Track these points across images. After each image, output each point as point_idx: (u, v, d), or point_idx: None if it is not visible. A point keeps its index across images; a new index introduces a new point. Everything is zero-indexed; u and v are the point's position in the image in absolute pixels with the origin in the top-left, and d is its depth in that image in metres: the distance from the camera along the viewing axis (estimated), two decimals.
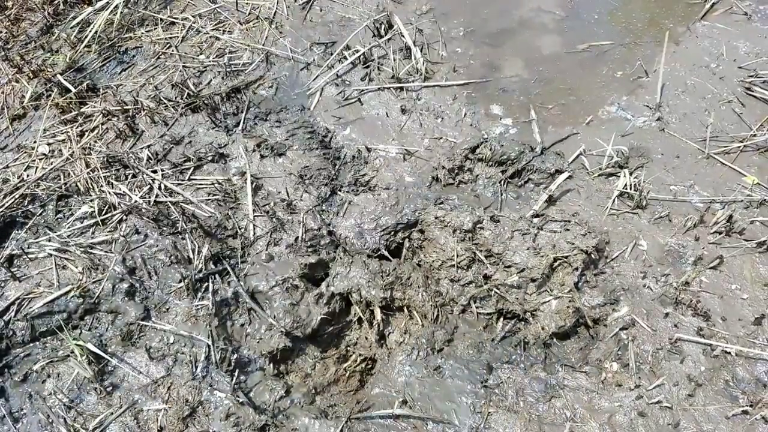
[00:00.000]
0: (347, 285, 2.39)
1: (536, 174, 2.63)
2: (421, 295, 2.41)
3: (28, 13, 3.39)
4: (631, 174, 2.58)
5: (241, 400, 2.13)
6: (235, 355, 2.22)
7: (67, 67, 3.07)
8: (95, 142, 2.79)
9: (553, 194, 2.56)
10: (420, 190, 2.62)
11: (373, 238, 2.51)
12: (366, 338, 2.43)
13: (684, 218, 2.47)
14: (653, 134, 2.75)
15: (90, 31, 3.19)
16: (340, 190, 2.63)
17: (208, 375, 2.19)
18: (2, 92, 3.02)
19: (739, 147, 2.67)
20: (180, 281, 2.34)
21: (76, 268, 2.39)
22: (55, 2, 3.34)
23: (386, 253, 2.51)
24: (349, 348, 2.43)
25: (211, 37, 3.17)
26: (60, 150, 2.76)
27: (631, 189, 2.53)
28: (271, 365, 2.25)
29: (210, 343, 2.23)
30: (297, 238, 2.48)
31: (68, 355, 2.21)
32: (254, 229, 2.49)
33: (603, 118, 2.82)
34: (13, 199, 2.58)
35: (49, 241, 2.46)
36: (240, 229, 2.49)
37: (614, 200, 2.54)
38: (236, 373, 2.19)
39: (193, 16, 3.26)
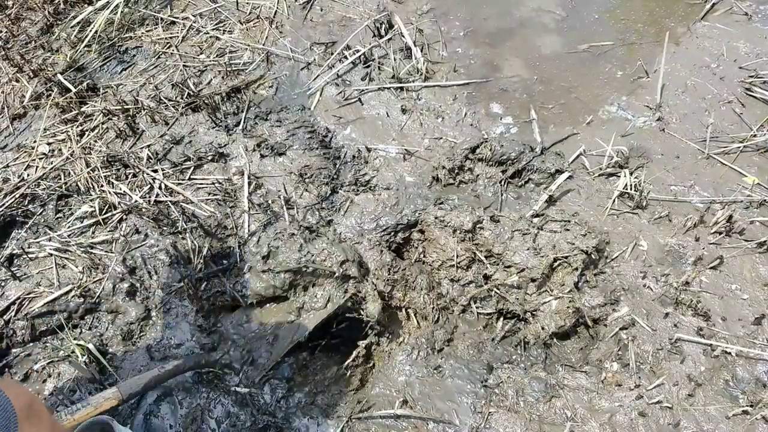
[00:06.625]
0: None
1: (536, 174, 2.63)
2: (422, 297, 2.41)
3: (28, 12, 3.38)
4: (631, 174, 2.59)
5: (242, 400, 2.14)
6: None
7: (67, 66, 3.07)
8: (95, 141, 2.79)
9: (553, 194, 2.56)
10: (420, 190, 2.63)
11: (373, 237, 2.50)
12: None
13: (684, 218, 2.47)
14: (653, 134, 2.75)
15: (90, 31, 3.19)
16: (340, 189, 2.63)
17: (210, 373, 2.20)
18: (2, 92, 3.02)
19: (739, 147, 2.67)
20: (180, 281, 2.35)
21: (77, 267, 2.39)
22: (56, 1, 3.34)
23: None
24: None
25: (211, 36, 3.17)
26: (60, 149, 2.76)
27: (631, 189, 2.53)
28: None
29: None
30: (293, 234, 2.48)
31: (69, 355, 2.21)
32: (249, 226, 2.48)
33: (603, 118, 2.82)
34: (13, 199, 2.58)
35: (50, 240, 2.46)
36: (237, 228, 2.49)
37: (614, 200, 2.55)
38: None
39: (194, 16, 3.26)
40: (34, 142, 2.81)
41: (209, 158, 2.70)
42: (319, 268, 2.27)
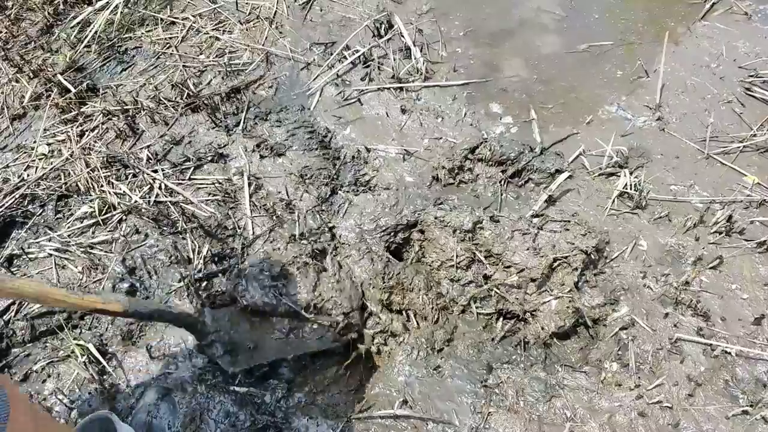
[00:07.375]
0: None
1: (536, 174, 2.63)
2: (421, 297, 2.41)
3: (28, 12, 3.39)
4: (631, 174, 2.59)
5: (241, 399, 2.14)
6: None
7: (67, 67, 3.07)
8: (95, 142, 2.79)
9: (553, 194, 2.56)
10: (420, 190, 2.63)
11: (372, 238, 2.50)
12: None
13: (684, 218, 2.47)
14: (653, 134, 2.75)
15: (90, 31, 3.20)
16: (340, 190, 2.63)
17: (209, 373, 2.20)
18: (2, 92, 3.03)
19: (739, 147, 2.67)
20: (180, 281, 2.35)
21: (76, 267, 2.39)
22: (55, 2, 3.34)
23: (387, 254, 2.51)
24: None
25: (211, 37, 3.17)
26: (60, 150, 2.76)
27: (631, 189, 2.53)
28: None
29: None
30: (294, 236, 2.48)
31: (69, 355, 2.21)
32: (253, 228, 2.48)
33: (603, 118, 2.82)
34: (13, 199, 2.58)
35: (49, 240, 2.46)
36: (239, 228, 2.49)
37: (614, 200, 2.55)
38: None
39: (193, 16, 3.26)
40: (34, 142, 2.81)
41: (209, 159, 2.70)
42: (322, 320, 2.23)
